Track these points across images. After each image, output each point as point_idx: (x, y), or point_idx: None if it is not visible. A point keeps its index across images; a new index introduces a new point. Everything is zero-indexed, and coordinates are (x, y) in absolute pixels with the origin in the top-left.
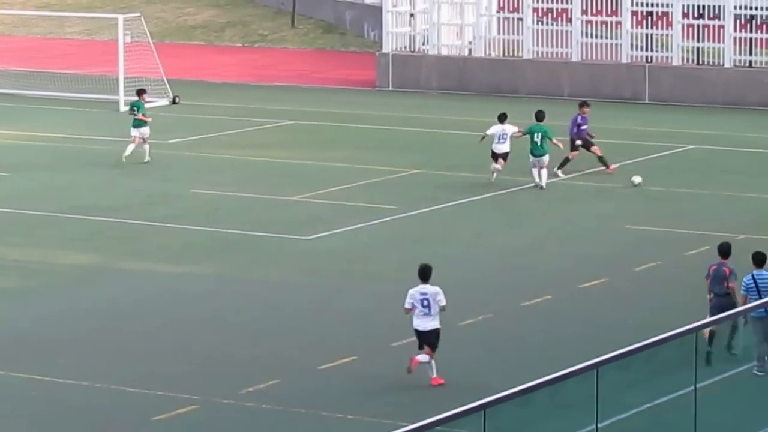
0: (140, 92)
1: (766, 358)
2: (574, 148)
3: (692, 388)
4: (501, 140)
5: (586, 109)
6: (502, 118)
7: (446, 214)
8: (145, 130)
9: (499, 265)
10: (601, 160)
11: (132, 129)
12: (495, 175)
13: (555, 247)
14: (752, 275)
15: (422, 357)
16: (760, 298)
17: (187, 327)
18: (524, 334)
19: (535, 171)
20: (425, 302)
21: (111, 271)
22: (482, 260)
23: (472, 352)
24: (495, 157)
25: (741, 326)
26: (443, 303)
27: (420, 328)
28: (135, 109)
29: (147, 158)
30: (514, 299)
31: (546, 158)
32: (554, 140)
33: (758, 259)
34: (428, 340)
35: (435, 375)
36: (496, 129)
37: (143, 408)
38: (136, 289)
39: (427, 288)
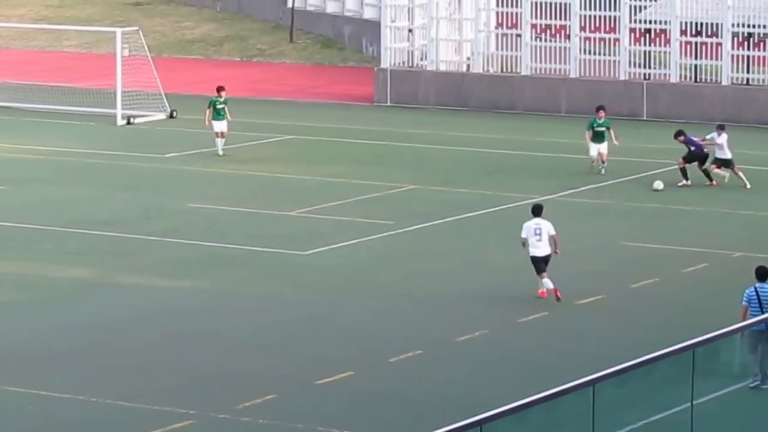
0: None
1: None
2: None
3: (689, 404)
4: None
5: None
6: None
7: (443, 230)
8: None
9: (496, 281)
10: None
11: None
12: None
13: (551, 263)
14: (755, 288)
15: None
16: (762, 310)
17: (183, 342)
18: (521, 351)
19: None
20: (538, 231)
21: (107, 286)
22: (479, 276)
23: (469, 368)
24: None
25: None
26: (553, 232)
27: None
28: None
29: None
30: (510, 315)
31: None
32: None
33: (761, 273)
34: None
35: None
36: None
37: (139, 423)
38: (133, 303)
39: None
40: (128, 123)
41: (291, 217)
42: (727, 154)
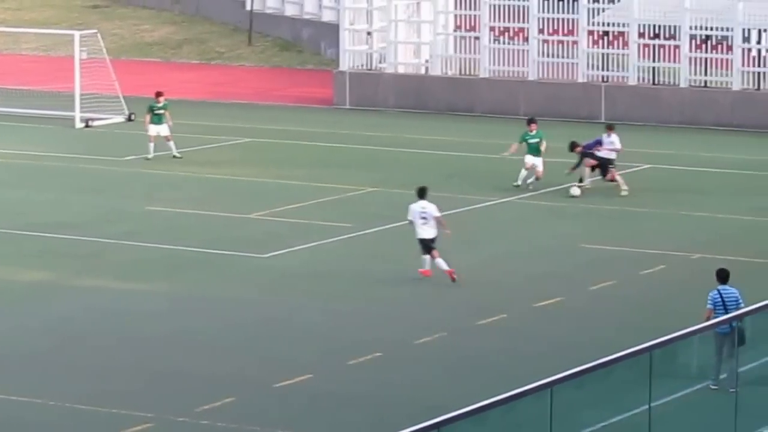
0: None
1: (725, 374)
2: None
3: (647, 406)
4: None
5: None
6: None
7: (402, 233)
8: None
9: (455, 284)
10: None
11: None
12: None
13: (510, 266)
14: (718, 290)
15: (433, 263)
16: (726, 312)
17: (142, 344)
18: (479, 353)
19: None
20: (424, 214)
21: (66, 289)
22: (438, 279)
23: (428, 370)
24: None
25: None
26: (437, 214)
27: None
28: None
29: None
30: (469, 318)
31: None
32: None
33: (722, 276)
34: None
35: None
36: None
37: (97, 426)
38: (91, 306)
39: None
40: (86, 126)
41: (250, 219)
42: (611, 155)
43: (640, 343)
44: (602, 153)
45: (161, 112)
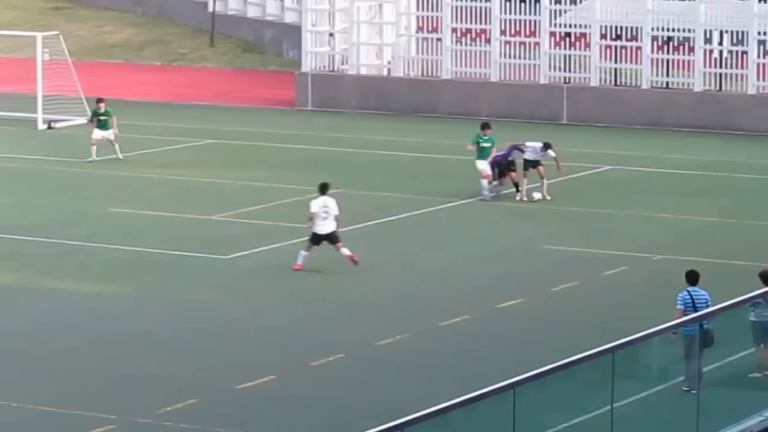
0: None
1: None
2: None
3: (609, 407)
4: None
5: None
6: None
7: (364, 234)
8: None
9: (417, 285)
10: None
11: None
12: None
13: (472, 267)
14: (688, 291)
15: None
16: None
17: (105, 346)
18: (442, 354)
19: None
20: (326, 210)
21: (29, 290)
22: (400, 280)
23: (391, 371)
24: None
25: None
26: (337, 212)
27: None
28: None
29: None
30: (431, 319)
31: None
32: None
33: (692, 278)
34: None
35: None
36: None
37: (60, 428)
38: (54, 308)
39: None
40: (49, 127)
41: (212, 221)
42: (530, 157)
43: (602, 344)
44: (528, 155)
45: (105, 118)
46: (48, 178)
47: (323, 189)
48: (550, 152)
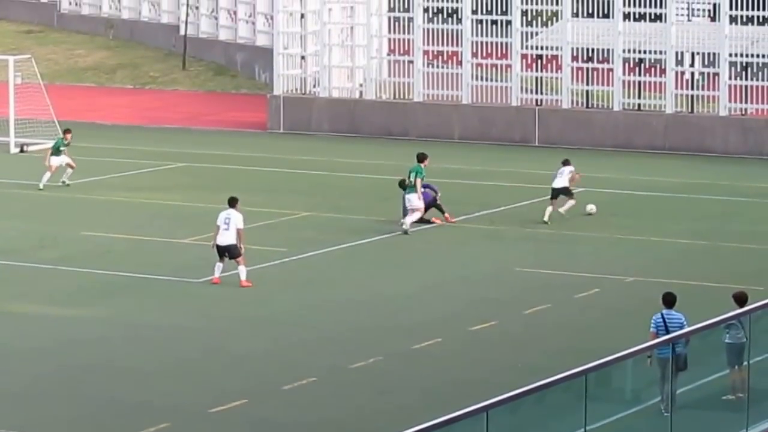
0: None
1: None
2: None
3: (582, 430)
4: None
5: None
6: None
7: (337, 257)
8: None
9: (390, 308)
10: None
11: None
12: None
13: (445, 289)
14: (662, 314)
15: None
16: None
17: (77, 371)
18: (414, 377)
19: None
20: (227, 221)
21: (0, 315)
22: (373, 303)
23: (363, 394)
24: None
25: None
26: (240, 226)
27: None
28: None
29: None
30: (404, 342)
31: (414, 197)
32: (418, 179)
33: (668, 300)
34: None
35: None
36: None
37: None
38: (25, 332)
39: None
40: (21, 151)
41: (184, 244)
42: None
43: (574, 367)
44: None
45: (64, 149)
46: (20, 202)
47: (231, 202)
48: (569, 167)
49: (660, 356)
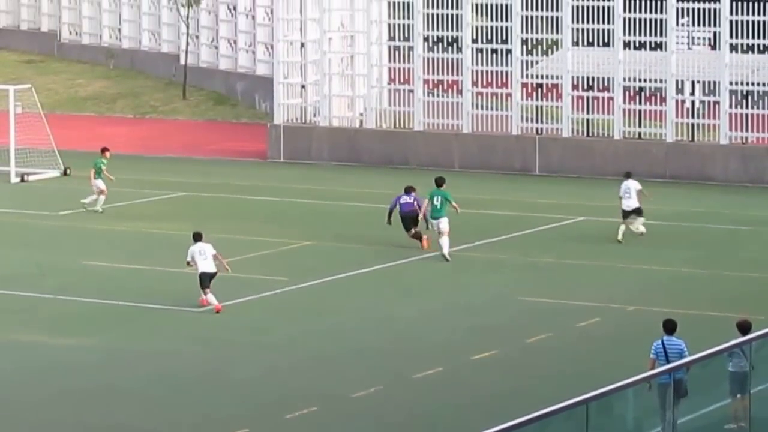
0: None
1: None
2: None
3: None
4: None
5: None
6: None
7: (338, 286)
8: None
9: (391, 337)
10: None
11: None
12: None
13: (447, 318)
14: (662, 341)
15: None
16: (668, 363)
17: (77, 398)
18: (415, 406)
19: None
20: (202, 252)
21: (0, 343)
22: (374, 332)
23: (364, 423)
24: None
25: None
26: (214, 252)
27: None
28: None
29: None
30: (405, 371)
31: (444, 222)
32: (453, 204)
33: (669, 326)
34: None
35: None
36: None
37: None
38: (26, 360)
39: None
40: (22, 180)
41: (184, 273)
42: (626, 206)
43: (576, 396)
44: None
45: (104, 167)
46: (20, 231)
47: (197, 237)
48: (635, 184)
49: (660, 382)
